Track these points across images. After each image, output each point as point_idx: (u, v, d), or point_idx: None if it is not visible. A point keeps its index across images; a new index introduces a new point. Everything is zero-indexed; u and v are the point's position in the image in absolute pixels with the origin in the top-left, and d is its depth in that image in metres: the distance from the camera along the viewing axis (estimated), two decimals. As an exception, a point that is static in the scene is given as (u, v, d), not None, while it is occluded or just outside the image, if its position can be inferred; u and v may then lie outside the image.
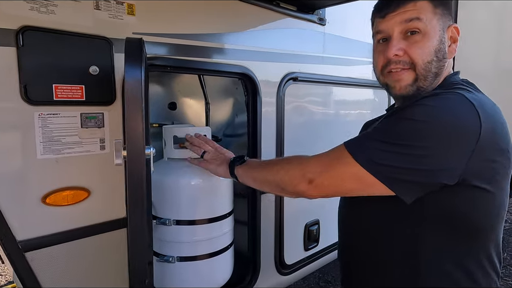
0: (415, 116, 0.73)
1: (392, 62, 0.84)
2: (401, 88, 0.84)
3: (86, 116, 1.07)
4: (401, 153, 0.72)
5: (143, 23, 1.19)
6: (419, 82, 0.83)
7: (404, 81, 0.83)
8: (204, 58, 1.38)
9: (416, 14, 0.81)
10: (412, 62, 0.82)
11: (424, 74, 0.82)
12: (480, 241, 0.80)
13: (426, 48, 0.81)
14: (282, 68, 1.68)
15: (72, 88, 1.03)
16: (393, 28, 0.83)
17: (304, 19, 1.76)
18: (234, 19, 1.48)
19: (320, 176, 0.83)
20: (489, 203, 0.77)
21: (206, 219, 1.49)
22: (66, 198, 1.05)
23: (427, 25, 0.81)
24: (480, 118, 0.71)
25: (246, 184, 1.13)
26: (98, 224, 1.13)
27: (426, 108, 0.74)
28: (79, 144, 1.07)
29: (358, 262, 0.94)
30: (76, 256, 1.10)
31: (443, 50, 0.83)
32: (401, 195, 0.74)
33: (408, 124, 0.74)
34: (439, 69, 0.84)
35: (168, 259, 1.45)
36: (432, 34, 0.81)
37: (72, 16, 1.02)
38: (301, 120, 1.81)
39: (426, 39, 0.81)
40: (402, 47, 0.82)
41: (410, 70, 0.82)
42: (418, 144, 0.71)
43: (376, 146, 0.76)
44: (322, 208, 1.96)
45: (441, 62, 0.84)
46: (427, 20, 0.81)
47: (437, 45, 0.82)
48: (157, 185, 1.45)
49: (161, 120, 1.80)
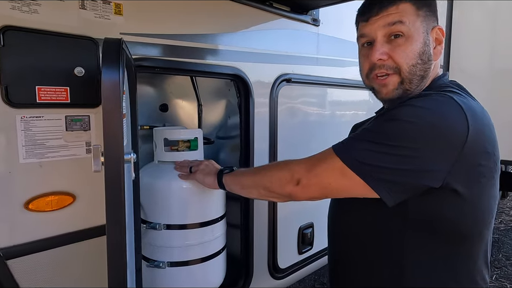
0: (402, 116, 0.73)
1: (377, 67, 0.83)
2: (387, 92, 0.84)
3: (71, 118, 1.04)
4: (386, 153, 0.72)
5: (131, 23, 1.16)
6: (405, 85, 0.83)
7: (390, 85, 0.83)
8: (195, 59, 1.35)
9: (398, 17, 0.80)
10: (396, 66, 0.81)
11: (409, 77, 0.82)
12: (465, 247, 0.79)
13: (410, 51, 0.80)
14: (275, 70, 1.65)
15: (56, 90, 1.00)
16: (377, 32, 0.82)
17: (298, 20, 1.74)
18: (226, 20, 1.45)
19: (307, 176, 0.84)
20: (472, 208, 0.76)
21: (198, 223, 1.46)
22: (50, 203, 1.02)
23: (410, 28, 0.80)
24: (468, 120, 0.71)
25: (233, 192, 1.12)
26: (83, 230, 1.09)
27: (414, 108, 0.73)
28: (64, 147, 1.04)
29: (345, 264, 0.94)
30: (60, 263, 1.07)
31: (427, 53, 0.83)
32: (383, 197, 0.74)
33: (395, 125, 0.73)
34: (425, 71, 0.83)
35: (159, 264, 1.43)
36: (415, 37, 0.81)
37: (56, 16, 0.99)
38: (295, 121, 1.79)
39: (409, 42, 0.80)
40: (385, 51, 0.81)
41: (395, 74, 0.82)
42: (404, 145, 0.71)
43: (362, 146, 0.76)
44: (316, 211, 1.94)
45: (426, 64, 0.83)
46: (410, 23, 0.80)
47: (421, 47, 0.81)
48: (147, 188, 1.43)
49: (152, 122, 1.77)
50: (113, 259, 0.62)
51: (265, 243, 1.70)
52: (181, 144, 1.53)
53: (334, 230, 1.00)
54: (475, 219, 0.77)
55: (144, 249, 1.45)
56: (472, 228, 0.77)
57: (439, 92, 0.78)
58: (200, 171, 1.25)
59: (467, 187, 0.73)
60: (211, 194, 1.49)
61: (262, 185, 0.96)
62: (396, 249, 0.80)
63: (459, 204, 0.74)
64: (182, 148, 1.53)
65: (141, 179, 1.43)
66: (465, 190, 0.72)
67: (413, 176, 0.71)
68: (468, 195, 0.73)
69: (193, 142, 1.53)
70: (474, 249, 0.80)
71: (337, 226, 0.98)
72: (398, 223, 0.78)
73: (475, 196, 0.75)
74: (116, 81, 0.56)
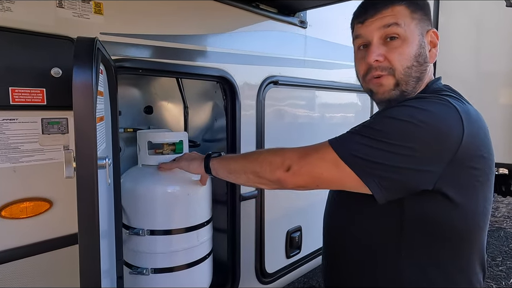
0: (400, 115, 0.73)
1: (373, 68, 0.84)
2: (384, 91, 0.84)
3: (47, 121, 1.00)
4: (381, 150, 0.72)
5: (112, 23, 1.12)
6: (401, 86, 0.83)
7: (385, 86, 0.84)
8: (179, 60, 1.32)
9: (394, 19, 0.80)
10: (391, 67, 0.82)
11: (405, 79, 0.82)
12: (461, 249, 0.79)
13: (405, 53, 0.81)
14: (262, 72, 1.63)
15: (32, 92, 0.96)
16: (373, 34, 0.83)
17: (285, 22, 1.72)
18: (211, 20, 1.43)
19: (298, 163, 0.82)
20: (466, 211, 0.76)
21: (183, 228, 1.43)
22: (24, 210, 0.97)
23: (405, 30, 0.81)
24: (464, 124, 0.71)
25: (220, 177, 1.08)
26: (61, 237, 1.05)
27: (413, 109, 0.73)
28: (39, 151, 1.00)
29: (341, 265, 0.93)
30: (37, 272, 1.02)
31: (423, 55, 0.84)
32: (374, 192, 0.73)
33: (392, 123, 0.74)
34: (421, 73, 0.84)
35: (142, 271, 1.39)
36: (411, 39, 0.81)
37: (31, 14, 0.95)
38: (282, 124, 1.78)
39: (405, 44, 0.81)
40: (381, 53, 0.82)
41: (389, 76, 0.82)
42: (400, 143, 0.71)
43: (357, 140, 0.76)
44: (304, 215, 1.92)
45: (422, 66, 0.84)
46: (405, 25, 0.81)
47: (417, 49, 0.82)
48: (130, 193, 1.39)
49: (136, 125, 1.73)
50: (86, 269, 0.59)
51: (253, 247, 1.67)
52: (166, 147, 1.50)
53: (330, 231, 0.99)
54: (470, 222, 0.77)
55: (127, 256, 1.41)
56: (467, 231, 0.78)
57: (436, 95, 0.78)
58: (183, 159, 1.22)
59: (460, 191, 0.73)
60: (196, 198, 1.46)
61: (251, 169, 0.93)
62: (392, 251, 0.80)
63: (452, 208, 0.74)
64: (167, 151, 1.49)
65: (124, 183, 1.39)
66: (457, 194, 0.73)
67: (406, 175, 0.71)
68: (461, 199, 0.73)
69: (178, 145, 1.50)
70: (470, 251, 0.80)
71: (333, 227, 0.97)
72: (394, 224, 0.78)
73: (469, 200, 0.75)
74: (88, 82, 0.53)
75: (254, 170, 0.92)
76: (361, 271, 0.86)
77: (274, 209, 1.75)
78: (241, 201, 1.59)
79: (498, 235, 4.12)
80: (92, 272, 0.56)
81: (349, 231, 0.89)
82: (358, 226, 0.87)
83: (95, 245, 0.56)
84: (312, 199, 1.93)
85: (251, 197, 1.63)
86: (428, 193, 0.72)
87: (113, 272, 1.13)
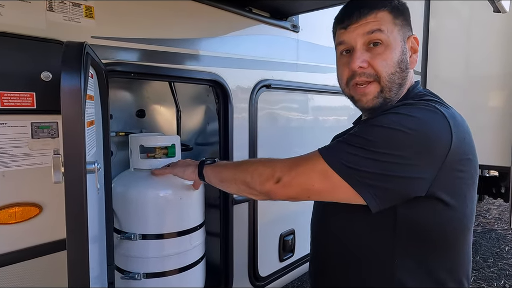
0: (390, 124, 0.73)
1: (357, 75, 0.83)
2: (367, 101, 0.85)
3: (37, 125, 0.99)
4: (373, 160, 0.72)
5: (103, 26, 1.12)
6: (384, 93, 0.83)
7: (370, 94, 0.84)
8: (171, 64, 1.32)
9: (377, 25, 0.81)
10: (376, 74, 0.82)
11: (389, 85, 0.83)
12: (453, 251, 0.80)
13: (389, 59, 0.81)
14: (254, 75, 1.64)
15: (21, 95, 0.95)
16: (356, 40, 0.83)
17: (277, 26, 1.74)
18: (204, 24, 1.43)
19: (289, 174, 0.81)
20: (456, 213, 0.77)
21: (175, 232, 1.42)
22: (13, 215, 0.96)
23: (388, 36, 0.81)
24: (452, 129, 0.72)
25: (212, 184, 1.08)
26: (51, 243, 1.04)
27: (401, 116, 0.74)
28: (29, 156, 0.99)
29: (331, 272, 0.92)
30: (26, 278, 1.01)
31: (405, 61, 0.84)
32: (369, 202, 0.73)
33: (382, 131, 0.73)
34: (403, 79, 0.84)
35: (134, 276, 1.37)
36: (394, 45, 0.82)
37: (21, 17, 0.95)
38: (275, 127, 1.78)
39: (389, 50, 0.81)
40: (365, 59, 0.82)
41: (375, 82, 0.83)
42: (392, 152, 0.71)
43: (348, 150, 0.75)
44: (297, 218, 1.93)
45: (404, 72, 0.84)
46: (388, 31, 0.81)
47: (400, 56, 0.82)
48: (122, 197, 1.38)
49: (128, 128, 1.72)
50: (74, 275, 0.58)
51: (246, 251, 1.67)
52: (158, 151, 1.49)
53: (319, 238, 0.98)
54: (460, 224, 0.78)
55: (118, 261, 1.39)
56: (458, 233, 0.79)
57: (421, 101, 0.79)
58: (178, 165, 1.21)
59: (450, 194, 0.74)
60: (189, 202, 1.46)
61: (242, 179, 0.92)
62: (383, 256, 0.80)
63: (444, 211, 0.74)
64: (159, 155, 1.49)
65: (115, 188, 1.38)
66: (448, 197, 0.73)
67: (400, 183, 0.71)
68: (452, 202, 0.74)
69: (170, 149, 1.49)
70: (458, 252, 0.81)
71: (322, 234, 0.96)
72: (386, 231, 0.78)
73: (459, 202, 0.76)
74: (76, 87, 0.53)
75: (245, 180, 0.90)
76: (352, 275, 0.86)
77: (267, 213, 1.75)
78: (234, 205, 1.59)
79: (490, 237, 4.16)
80: (81, 278, 0.55)
81: (339, 236, 0.89)
82: (349, 231, 0.86)
83: (84, 250, 0.55)
84: (305, 202, 1.94)
85: (244, 201, 1.63)
86: (421, 199, 0.72)
87: (104, 278, 1.12)
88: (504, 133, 2.72)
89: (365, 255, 0.83)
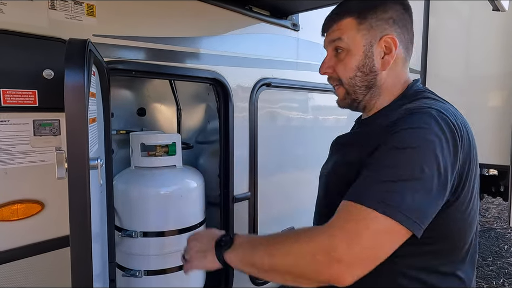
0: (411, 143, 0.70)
1: (328, 78, 0.91)
2: (338, 102, 0.92)
3: (39, 123, 1.00)
4: (417, 190, 0.67)
5: (105, 25, 1.12)
6: (351, 95, 0.88)
7: (339, 96, 0.90)
8: (172, 62, 1.33)
9: (338, 34, 0.85)
10: (339, 78, 0.87)
11: (351, 88, 0.87)
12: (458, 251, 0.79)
13: (348, 64, 0.85)
14: (255, 74, 1.65)
15: (23, 93, 0.96)
16: (327, 47, 0.90)
17: (278, 24, 1.74)
18: (205, 23, 1.44)
19: (351, 249, 0.66)
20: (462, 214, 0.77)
21: (176, 230, 1.43)
22: (16, 212, 0.97)
23: (349, 43, 0.84)
24: (459, 131, 0.72)
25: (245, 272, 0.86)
26: (53, 239, 1.05)
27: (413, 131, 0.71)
28: (31, 153, 0.99)
29: None
30: (29, 275, 1.01)
31: (368, 65, 0.84)
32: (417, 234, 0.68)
33: (407, 154, 0.70)
34: (368, 82, 0.85)
35: (135, 273, 1.39)
36: (354, 51, 0.84)
37: (23, 16, 0.95)
38: (275, 126, 1.79)
39: (349, 56, 0.85)
40: (331, 65, 0.88)
41: (340, 86, 0.88)
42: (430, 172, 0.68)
43: (391, 188, 0.68)
44: (297, 216, 1.93)
45: (369, 76, 0.85)
46: (348, 38, 0.84)
47: (361, 60, 0.84)
48: (123, 194, 1.39)
49: (129, 127, 1.73)
50: (77, 271, 0.59)
51: (246, 249, 1.67)
52: (159, 149, 1.50)
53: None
54: (466, 223, 0.78)
55: (119, 258, 1.40)
56: (464, 233, 0.78)
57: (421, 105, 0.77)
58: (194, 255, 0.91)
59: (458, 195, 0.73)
60: (190, 200, 1.47)
61: (286, 268, 0.74)
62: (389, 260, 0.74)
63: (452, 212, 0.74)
64: (160, 153, 1.50)
65: (116, 186, 1.39)
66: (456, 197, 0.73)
67: (440, 201, 0.70)
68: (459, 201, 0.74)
69: (171, 147, 1.50)
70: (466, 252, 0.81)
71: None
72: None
73: (466, 201, 0.76)
74: (80, 84, 0.53)
75: (289, 271, 0.73)
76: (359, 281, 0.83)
77: (266, 210, 1.75)
78: (234, 203, 1.60)
79: (489, 236, 4.17)
80: (84, 271, 0.56)
81: None
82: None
83: (87, 244, 0.56)
84: (305, 200, 1.94)
85: (245, 199, 1.64)
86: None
87: (106, 275, 1.13)
88: (504, 132, 2.73)
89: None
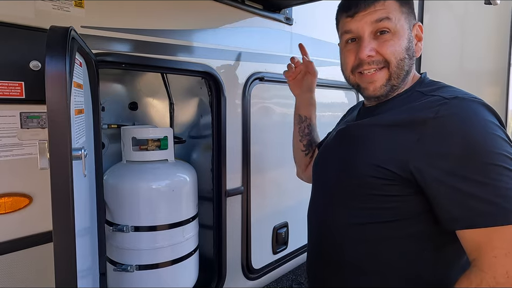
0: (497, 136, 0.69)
1: (365, 63, 0.83)
2: (375, 89, 0.84)
3: (26, 115, 0.98)
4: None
5: (93, 16, 1.11)
6: (392, 80, 0.83)
7: (378, 81, 0.83)
8: (163, 55, 1.31)
9: (385, 13, 0.80)
10: (385, 60, 0.81)
11: (398, 72, 0.82)
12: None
13: (398, 46, 0.81)
14: (247, 68, 1.63)
15: (9, 85, 0.94)
16: (364, 29, 0.82)
17: (271, 18, 1.73)
18: (196, 16, 1.42)
19: None
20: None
21: (168, 224, 1.42)
22: (3, 205, 0.95)
23: (396, 24, 0.81)
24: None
25: None
26: (41, 233, 1.03)
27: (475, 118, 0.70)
28: (18, 146, 0.98)
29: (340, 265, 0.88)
30: (15, 269, 1.00)
31: (412, 49, 0.84)
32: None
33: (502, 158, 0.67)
34: (409, 67, 0.84)
35: (126, 268, 1.38)
36: (401, 33, 0.82)
37: (8, 5, 0.93)
38: (268, 120, 1.78)
39: (396, 37, 0.81)
40: (373, 47, 0.81)
41: (384, 69, 0.82)
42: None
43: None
44: (291, 211, 1.93)
45: (411, 60, 0.84)
46: (396, 19, 0.81)
47: (407, 43, 0.82)
48: (114, 189, 1.37)
49: (121, 121, 1.71)
50: (60, 266, 0.58)
51: (239, 243, 1.67)
52: (151, 143, 1.49)
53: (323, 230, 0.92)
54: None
55: (111, 253, 1.39)
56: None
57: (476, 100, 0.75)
58: None
59: None
60: (182, 194, 1.46)
61: None
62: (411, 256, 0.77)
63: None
64: (152, 147, 1.49)
65: (108, 180, 1.38)
66: None
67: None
68: None
69: (163, 141, 1.49)
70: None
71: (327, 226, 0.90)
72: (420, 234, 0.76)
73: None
74: (61, 71, 0.52)
75: None
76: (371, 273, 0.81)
77: (260, 205, 1.75)
78: (227, 197, 1.59)
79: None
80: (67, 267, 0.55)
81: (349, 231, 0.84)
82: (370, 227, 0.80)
83: (70, 234, 0.55)
84: (298, 195, 1.94)
85: (238, 193, 1.63)
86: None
87: (96, 269, 1.12)
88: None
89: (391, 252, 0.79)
